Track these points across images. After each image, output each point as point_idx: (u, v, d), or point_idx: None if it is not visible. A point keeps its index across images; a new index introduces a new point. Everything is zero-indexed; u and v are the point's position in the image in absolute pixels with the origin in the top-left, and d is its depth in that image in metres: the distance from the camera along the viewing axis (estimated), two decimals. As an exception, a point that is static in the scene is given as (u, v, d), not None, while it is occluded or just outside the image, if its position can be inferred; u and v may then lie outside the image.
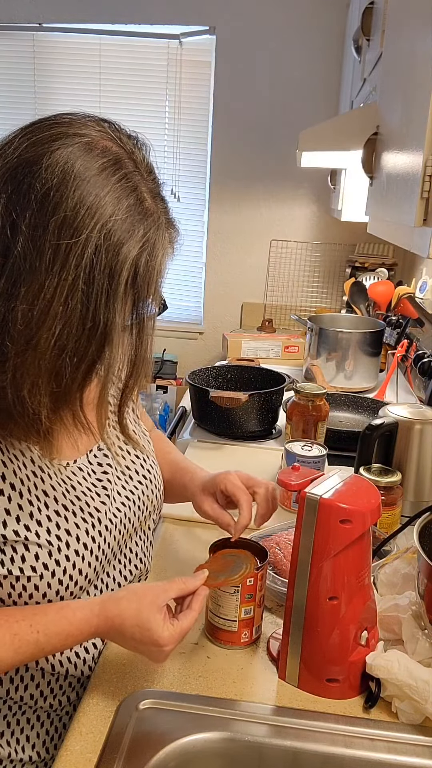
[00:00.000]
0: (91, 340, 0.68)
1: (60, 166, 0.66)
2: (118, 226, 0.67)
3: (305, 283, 3.38)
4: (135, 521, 0.93)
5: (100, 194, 0.66)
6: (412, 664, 0.80)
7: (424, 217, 0.88)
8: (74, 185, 0.65)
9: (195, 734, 0.76)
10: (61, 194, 0.65)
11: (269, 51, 3.13)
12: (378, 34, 1.60)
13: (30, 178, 0.65)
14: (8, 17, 3.27)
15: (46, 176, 0.65)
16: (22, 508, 0.77)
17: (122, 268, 0.67)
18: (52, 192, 0.65)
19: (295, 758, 0.76)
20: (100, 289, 0.66)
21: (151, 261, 0.70)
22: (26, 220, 0.65)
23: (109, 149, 0.69)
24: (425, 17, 0.94)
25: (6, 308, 0.65)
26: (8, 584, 0.77)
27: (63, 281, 0.65)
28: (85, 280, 0.66)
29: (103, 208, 0.66)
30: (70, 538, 0.80)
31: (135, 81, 3.30)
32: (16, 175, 0.66)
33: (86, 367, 0.70)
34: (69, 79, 3.32)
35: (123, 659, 0.88)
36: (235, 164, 3.29)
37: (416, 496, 1.31)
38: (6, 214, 0.65)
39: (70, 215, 0.65)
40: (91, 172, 0.67)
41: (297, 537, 0.82)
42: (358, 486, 0.84)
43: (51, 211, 0.65)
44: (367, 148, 1.40)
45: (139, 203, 0.69)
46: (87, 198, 0.66)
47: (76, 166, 0.66)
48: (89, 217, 0.65)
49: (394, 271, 2.90)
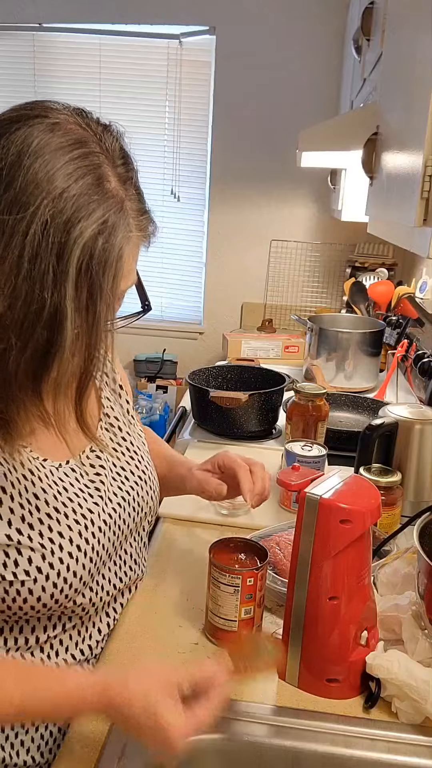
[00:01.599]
0: (36, 324, 0.64)
1: (17, 145, 0.64)
2: (70, 204, 0.64)
3: (305, 283, 3.38)
4: (130, 523, 0.92)
5: (51, 169, 0.64)
6: (412, 664, 0.80)
7: (424, 217, 0.88)
8: (28, 162, 0.63)
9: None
10: (14, 172, 0.63)
11: (269, 51, 3.13)
12: (378, 34, 1.60)
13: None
14: (8, 17, 3.27)
15: (2, 155, 0.63)
16: (14, 512, 0.75)
17: (73, 248, 0.64)
18: (4, 171, 0.63)
19: (295, 758, 0.76)
20: (46, 269, 0.63)
21: (108, 246, 0.66)
22: None
23: (73, 131, 0.67)
24: (425, 17, 0.94)
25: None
26: (1, 589, 0.76)
27: (6, 257, 0.62)
28: (29, 258, 0.62)
29: (53, 183, 0.63)
30: (63, 541, 0.79)
31: (135, 81, 3.30)
32: None
33: (34, 354, 0.66)
34: (69, 79, 3.32)
35: (123, 659, 0.88)
36: (235, 164, 3.29)
37: (416, 496, 1.31)
38: None
39: (20, 191, 0.62)
40: (49, 149, 0.64)
41: (297, 537, 0.82)
42: (358, 486, 0.84)
43: (3, 189, 0.63)
44: (367, 148, 1.40)
45: (99, 184, 0.66)
46: (38, 173, 0.63)
47: (33, 144, 0.64)
48: (38, 191, 0.63)
49: (394, 271, 2.90)
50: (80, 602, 0.83)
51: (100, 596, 0.88)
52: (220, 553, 0.93)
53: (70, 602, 0.81)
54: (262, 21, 3.10)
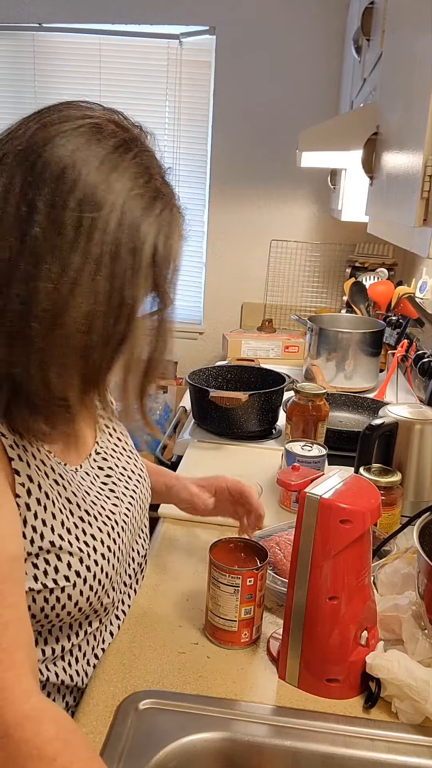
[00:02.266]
0: (119, 318, 0.67)
1: (72, 144, 0.65)
2: (137, 203, 0.66)
3: (305, 283, 3.38)
4: (138, 520, 0.94)
5: (116, 170, 0.66)
6: (412, 664, 0.80)
7: (424, 217, 0.88)
8: (89, 162, 0.64)
9: (195, 734, 0.76)
10: (78, 171, 0.64)
11: (269, 51, 3.13)
12: (378, 34, 1.60)
13: (43, 159, 0.64)
14: (8, 17, 3.27)
15: (60, 154, 0.64)
16: (55, 517, 0.75)
17: (144, 245, 0.66)
18: (68, 170, 0.64)
19: (295, 758, 0.76)
20: (125, 266, 0.65)
21: (168, 241, 0.69)
22: (43, 199, 0.63)
23: (116, 131, 0.69)
24: (425, 17, 0.94)
25: (28, 289, 0.63)
26: (42, 598, 0.75)
27: (88, 257, 0.64)
28: (111, 256, 0.65)
29: (122, 183, 0.66)
30: (96, 543, 0.80)
31: (135, 81, 3.30)
32: (28, 156, 0.64)
33: (114, 347, 0.68)
34: (69, 79, 3.32)
35: (123, 659, 0.88)
36: (235, 164, 3.29)
37: (416, 496, 1.31)
38: (21, 196, 0.63)
39: (90, 191, 0.64)
40: (106, 150, 0.66)
41: (297, 537, 0.82)
42: (358, 486, 0.84)
43: (69, 188, 0.63)
44: (367, 148, 1.40)
45: (153, 182, 0.69)
46: (104, 173, 0.65)
47: (90, 144, 0.66)
48: (109, 192, 0.65)
49: (394, 271, 2.90)
50: (105, 603, 0.84)
51: (120, 597, 0.89)
52: (220, 553, 0.93)
53: (98, 603, 0.82)
54: (262, 21, 3.10)
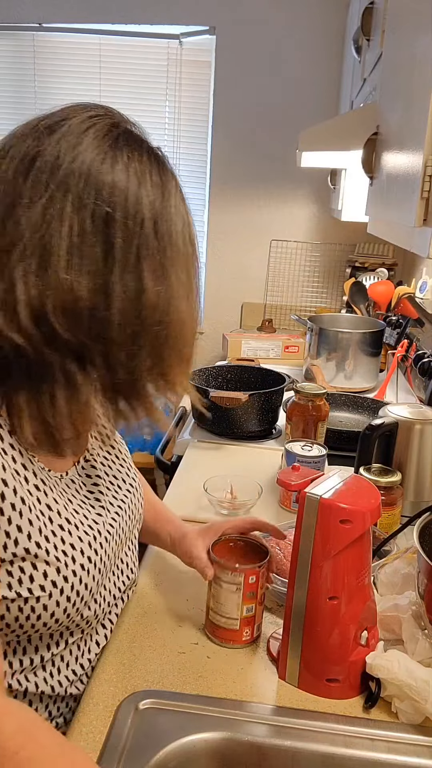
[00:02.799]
0: (195, 304, 0.75)
1: (122, 174, 0.68)
2: (164, 201, 0.70)
3: (305, 283, 3.38)
4: (127, 531, 0.91)
5: (169, 186, 0.71)
6: (412, 664, 0.80)
7: (424, 217, 0.88)
8: (116, 167, 0.68)
9: (195, 734, 0.76)
10: (139, 195, 0.68)
11: (269, 51, 3.13)
12: (378, 34, 1.59)
13: (100, 183, 0.67)
14: (8, 17, 3.27)
15: (119, 176, 0.67)
16: (32, 524, 0.72)
17: (175, 240, 0.71)
18: (132, 195, 0.68)
19: (295, 758, 0.76)
20: (191, 256, 0.73)
21: (192, 235, 0.75)
22: (119, 222, 0.67)
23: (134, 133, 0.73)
24: (425, 17, 0.94)
25: (137, 297, 0.68)
26: (16, 607, 0.73)
27: (126, 265, 0.67)
28: (183, 250, 0.71)
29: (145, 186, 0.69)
30: (75, 552, 0.77)
31: (135, 81, 3.29)
32: (85, 182, 0.66)
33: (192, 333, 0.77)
34: (69, 79, 3.32)
35: (123, 659, 0.88)
36: (235, 164, 3.29)
37: (416, 496, 1.31)
38: (94, 218, 0.66)
39: (125, 200, 0.67)
40: (151, 167, 0.70)
41: (297, 537, 0.82)
42: (358, 486, 0.84)
43: (138, 208, 0.68)
44: (367, 148, 1.40)
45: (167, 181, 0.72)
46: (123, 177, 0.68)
47: (144, 176, 0.69)
48: (140, 193, 0.68)
49: (394, 271, 2.90)
50: (86, 615, 0.82)
51: (102, 607, 0.87)
52: (221, 551, 0.93)
53: (78, 615, 0.80)
54: (262, 21, 3.10)
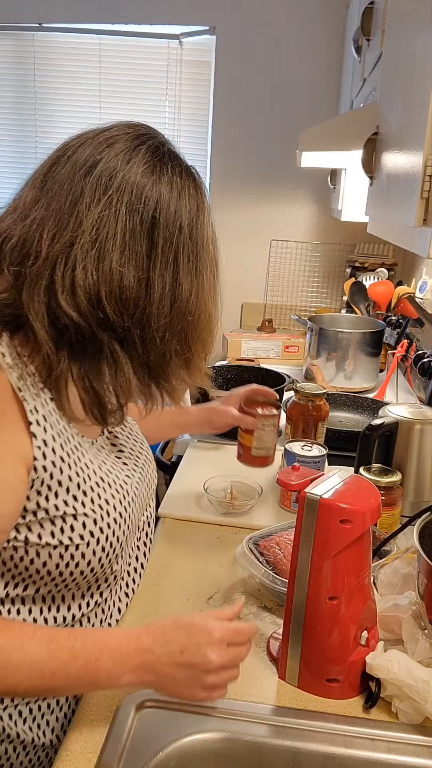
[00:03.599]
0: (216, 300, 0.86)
1: (163, 188, 0.79)
2: (206, 208, 0.85)
3: (305, 283, 3.38)
4: (145, 495, 0.99)
5: (200, 198, 0.84)
6: (412, 664, 0.80)
7: (424, 217, 0.88)
8: (181, 197, 0.81)
9: (195, 734, 0.76)
10: (176, 206, 0.80)
11: (269, 51, 3.13)
12: (378, 34, 1.59)
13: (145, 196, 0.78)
14: (8, 17, 3.26)
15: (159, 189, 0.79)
16: (71, 480, 0.81)
17: (206, 244, 0.84)
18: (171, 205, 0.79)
19: (295, 758, 0.76)
20: (215, 260, 0.85)
21: (215, 238, 0.87)
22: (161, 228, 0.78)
23: (160, 146, 0.84)
24: (425, 17, 0.94)
25: (173, 291, 0.78)
26: (57, 554, 0.81)
27: (179, 269, 0.79)
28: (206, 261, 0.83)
29: (183, 198, 0.81)
30: (108, 507, 0.85)
31: (135, 81, 3.29)
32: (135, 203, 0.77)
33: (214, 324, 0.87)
34: (69, 79, 3.32)
35: (123, 659, 0.88)
36: (235, 164, 3.29)
37: (416, 496, 1.31)
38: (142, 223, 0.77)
39: (195, 218, 0.82)
40: (182, 181, 0.82)
41: (297, 537, 0.82)
42: (358, 486, 0.84)
43: (173, 216, 0.79)
44: (367, 148, 1.40)
45: (202, 186, 0.86)
46: (195, 202, 0.82)
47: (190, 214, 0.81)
48: (180, 206, 0.80)
49: (394, 271, 2.90)
50: (115, 569, 0.90)
51: (126, 569, 0.96)
52: (252, 407, 1.31)
53: (109, 567, 0.88)
54: (262, 21, 3.10)
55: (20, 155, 3.44)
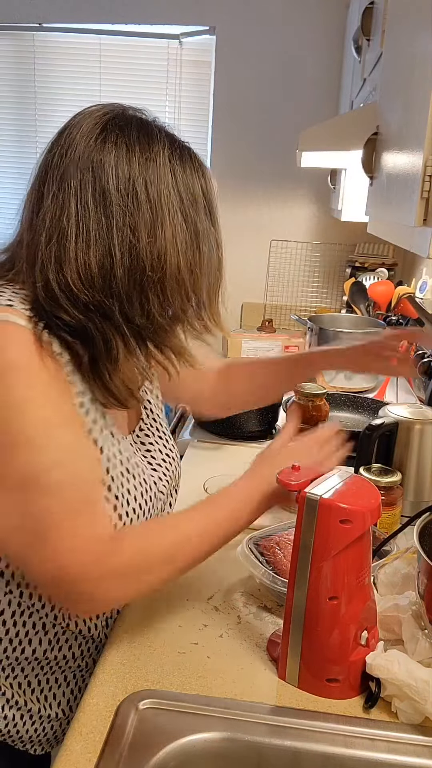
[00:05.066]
0: (201, 246, 0.87)
1: (112, 143, 0.83)
2: (177, 159, 0.87)
3: (305, 283, 3.38)
4: (168, 494, 1.01)
5: (154, 147, 0.85)
6: (412, 664, 0.80)
7: (424, 217, 0.88)
8: (131, 150, 0.83)
9: (195, 734, 0.76)
10: (128, 162, 0.82)
11: (269, 51, 3.13)
12: (378, 34, 1.59)
13: (98, 162, 0.81)
14: (8, 17, 3.26)
15: (110, 150, 0.82)
16: (108, 461, 0.86)
17: (194, 186, 0.89)
18: (122, 163, 0.81)
19: (295, 758, 0.76)
20: (189, 206, 0.86)
21: (207, 182, 0.93)
22: (113, 190, 0.79)
23: (125, 111, 0.92)
24: (425, 17, 0.94)
25: (132, 251, 0.79)
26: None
27: (165, 209, 0.82)
28: (178, 203, 0.84)
29: (162, 155, 0.85)
30: (129, 497, 0.89)
31: (135, 81, 3.29)
32: (88, 166, 0.80)
33: (206, 269, 0.90)
34: (69, 79, 3.32)
35: (123, 659, 0.88)
36: (235, 164, 3.29)
37: (416, 496, 1.31)
38: (94, 192, 0.79)
39: (146, 170, 0.82)
40: (135, 134, 0.86)
41: (297, 537, 0.82)
42: (358, 486, 0.84)
43: (128, 175, 0.81)
44: (367, 148, 1.40)
45: (177, 141, 0.90)
46: (150, 154, 0.83)
47: (122, 135, 0.85)
48: (157, 166, 0.83)
49: (394, 271, 2.90)
50: None
51: None
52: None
53: None
54: (262, 21, 3.10)
55: (20, 155, 3.44)
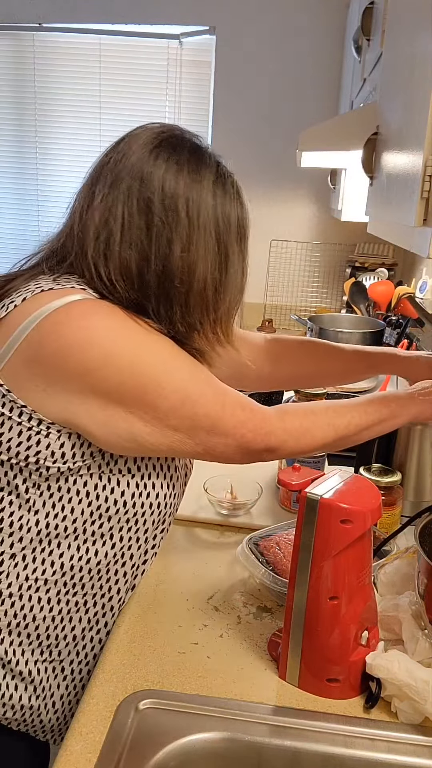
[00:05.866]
0: (228, 268, 0.93)
1: (164, 159, 0.88)
2: (219, 189, 0.95)
3: (305, 283, 3.38)
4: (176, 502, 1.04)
5: (202, 171, 0.93)
6: (412, 664, 0.80)
7: (424, 217, 0.88)
8: (180, 170, 0.89)
9: (195, 734, 0.76)
10: (176, 180, 0.88)
11: (269, 51, 3.13)
12: (378, 34, 1.59)
13: (148, 174, 0.87)
14: (8, 17, 3.27)
15: (160, 165, 0.88)
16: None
17: (230, 213, 0.94)
18: (169, 180, 0.88)
19: (295, 758, 0.76)
20: (225, 232, 0.93)
21: (243, 212, 0.99)
22: (157, 203, 0.85)
23: (182, 133, 0.97)
24: (425, 17, 0.94)
25: (166, 262, 0.85)
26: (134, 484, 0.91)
27: (201, 230, 0.88)
28: (215, 228, 0.90)
29: (207, 177, 0.93)
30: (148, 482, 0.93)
31: (135, 81, 3.30)
32: (136, 176, 0.87)
33: (229, 290, 0.94)
34: (69, 79, 3.32)
35: (123, 659, 0.88)
36: (235, 164, 3.27)
37: (416, 496, 1.31)
38: (140, 201, 0.85)
39: (190, 190, 0.89)
40: (185, 155, 0.92)
41: (297, 537, 0.82)
42: (358, 486, 0.84)
43: (173, 191, 0.87)
44: (367, 148, 1.40)
45: (221, 168, 0.98)
46: (193, 174, 0.91)
47: (175, 154, 0.90)
48: (201, 188, 0.91)
49: (394, 271, 2.90)
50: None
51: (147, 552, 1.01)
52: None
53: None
54: (262, 21, 3.10)
55: (20, 155, 3.44)
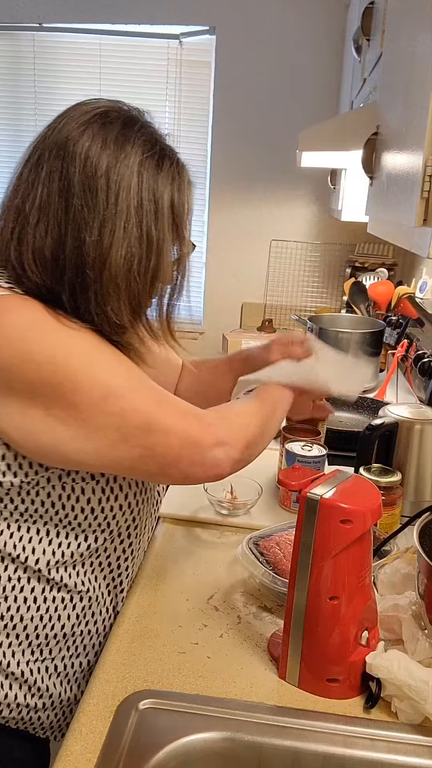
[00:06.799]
0: (150, 256, 0.84)
1: (89, 132, 0.83)
2: (150, 163, 0.85)
3: (305, 283, 3.38)
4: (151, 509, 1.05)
5: (128, 142, 0.84)
6: (412, 664, 0.80)
7: (424, 217, 0.88)
8: (107, 142, 0.83)
9: (195, 734, 0.76)
10: (98, 151, 0.82)
11: (269, 51, 3.13)
12: (378, 34, 1.60)
13: (71, 150, 0.82)
14: (8, 17, 3.27)
15: (82, 143, 0.82)
16: None
17: (162, 196, 0.85)
18: (91, 152, 0.82)
19: (295, 758, 0.76)
20: (149, 214, 0.84)
21: (181, 188, 0.89)
22: (77, 178, 0.81)
23: (120, 113, 0.89)
24: (425, 17, 0.94)
25: (79, 246, 0.81)
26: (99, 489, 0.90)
27: (119, 212, 0.82)
28: (136, 208, 0.83)
29: (135, 151, 0.85)
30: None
31: (135, 81, 3.30)
32: (59, 151, 0.83)
33: (151, 279, 0.86)
34: (69, 79, 3.33)
35: (123, 659, 0.88)
36: (235, 164, 3.29)
37: (416, 496, 1.31)
38: (61, 180, 0.82)
39: (111, 163, 0.82)
40: (116, 129, 0.85)
41: (297, 537, 0.82)
42: (358, 486, 0.84)
43: (94, 170, 0.81)
44: (367, 148, 1.40)
45: (158, 145, 0.89)
46: (119, 147, 0.83)
47: (104, 127, 0.84)
48: (126, 160, 0.83)
49: (394, 271, 2.90)
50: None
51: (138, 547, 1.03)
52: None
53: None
54: (262, 21, 3.10)
55: (19, 155, 3.44)
